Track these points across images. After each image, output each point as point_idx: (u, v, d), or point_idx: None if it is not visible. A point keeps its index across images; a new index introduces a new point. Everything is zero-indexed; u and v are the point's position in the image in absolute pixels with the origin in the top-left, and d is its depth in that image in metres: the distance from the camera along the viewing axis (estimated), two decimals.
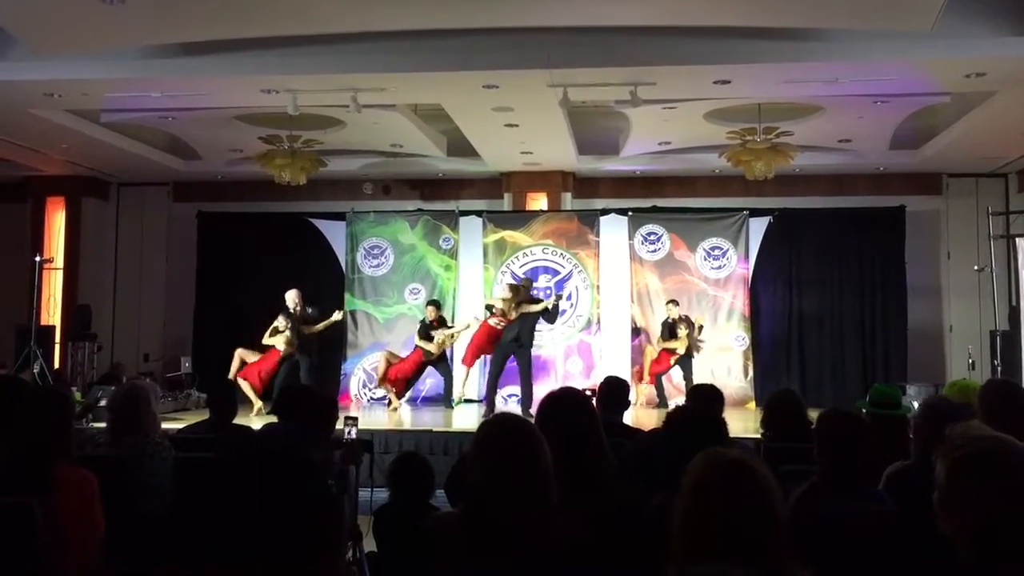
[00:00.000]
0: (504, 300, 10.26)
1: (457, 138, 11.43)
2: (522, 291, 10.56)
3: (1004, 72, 8.13)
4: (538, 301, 10.45)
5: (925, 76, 8.53)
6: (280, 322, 10.55)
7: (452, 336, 11.01)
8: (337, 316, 11.13)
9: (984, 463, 2.06)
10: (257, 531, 2.22)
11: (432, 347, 10.73)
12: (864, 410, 4.06)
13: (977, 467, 2.05)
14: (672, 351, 11.26)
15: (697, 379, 10.56)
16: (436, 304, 11.27)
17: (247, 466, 2.55)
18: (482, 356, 10.74)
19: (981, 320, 11.92)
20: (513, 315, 10.13)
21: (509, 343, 10.18)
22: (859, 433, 3.20)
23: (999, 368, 10.48)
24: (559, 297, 10.78)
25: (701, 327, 11.41)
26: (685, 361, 11.22)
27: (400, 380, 10.86)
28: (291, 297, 10.80)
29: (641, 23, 7.77)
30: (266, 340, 10.59)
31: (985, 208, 11.47)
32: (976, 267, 11.42)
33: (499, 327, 10.21)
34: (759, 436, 4.97)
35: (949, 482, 2.08)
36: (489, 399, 10.20)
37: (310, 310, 10.97)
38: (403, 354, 11.19)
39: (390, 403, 10.98)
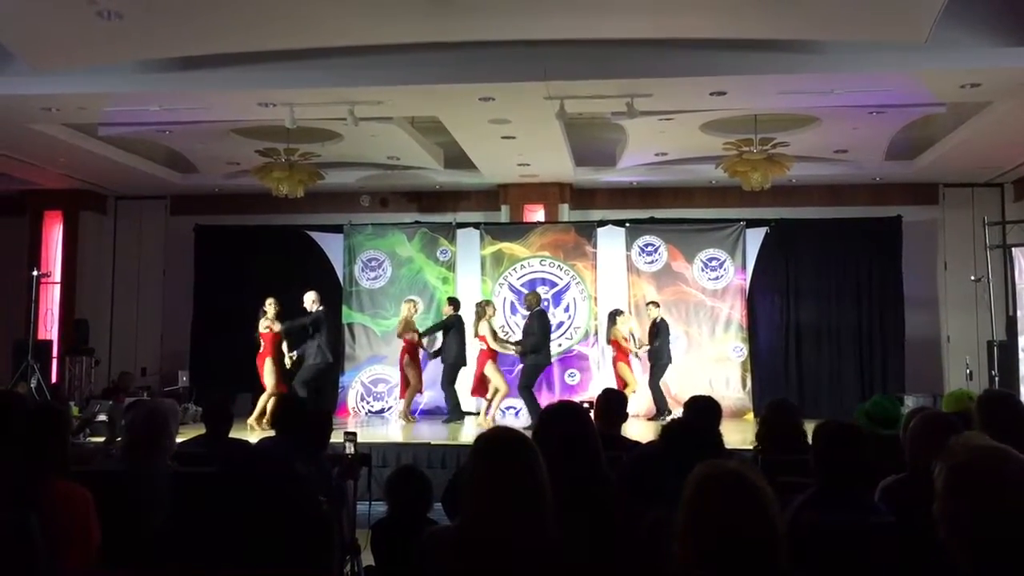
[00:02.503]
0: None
1: (454, 150, 11.45)
2: (485, 308, 10.58)
3: (999, 82, 8.16)
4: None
5: (920, 87, 8.55)
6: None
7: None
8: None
9: (982, 472, 2.06)
10: (249, 543, 2.22)
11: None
12: (861, 425, 4.05)
13: (975, 476, 2.05)
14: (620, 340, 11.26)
15: (695, 390, 10.50)
16: (456, 303, 11.09)
17: (239, 480, 2.55)
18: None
19: (978, 330, 11.94)
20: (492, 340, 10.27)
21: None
22: (856, 444, 3.20)
23: (996, 378, 10.48)
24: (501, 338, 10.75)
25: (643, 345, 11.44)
26: (656, 370, 11.20)
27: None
28: (310, 297, 10.63)
29: (637, 35, 7.80)
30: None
31: (981, 218, 11.49)
32: (973, 277, 11.44)
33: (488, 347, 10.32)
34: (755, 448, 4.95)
35: (947, 490, 2.08)
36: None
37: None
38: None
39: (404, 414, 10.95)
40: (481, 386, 10.49)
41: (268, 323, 10.26)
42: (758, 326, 12.38)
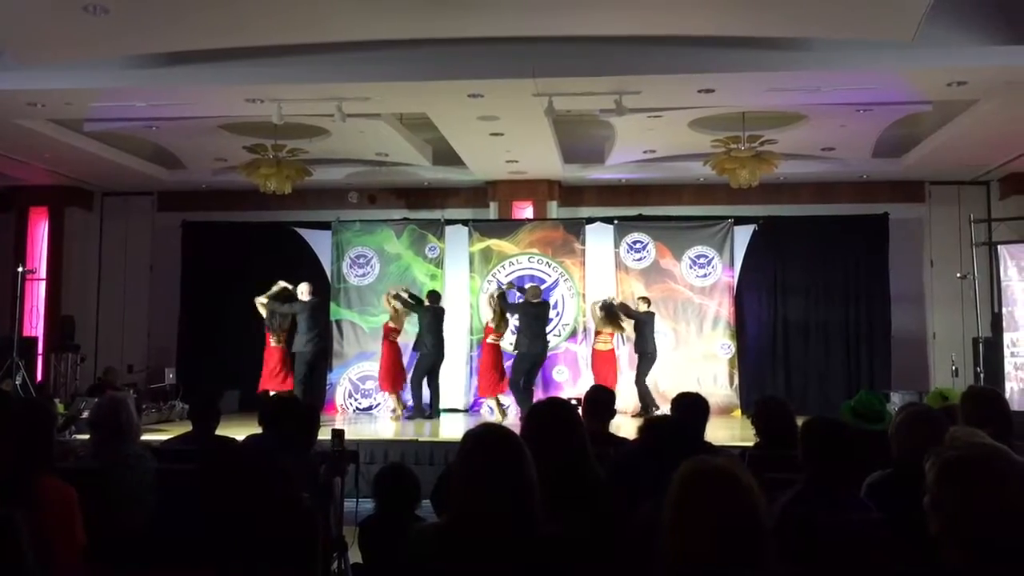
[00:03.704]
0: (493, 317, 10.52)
1: (443, 147, 11.43)
2: (496, 300, 10.78)
3: (985, 80, 8.20)
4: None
5: (907, 85, 8.59)
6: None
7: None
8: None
9: (972, 467, 2.08)
10: (234, 541, 2.21)
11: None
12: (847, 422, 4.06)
13: (965, 470, 2.07)
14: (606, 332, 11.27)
15: (682, 387, 10.49)
16: (433, 296, 11.26)
17: (224, 477, 2.54)
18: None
19: (964, 327, 12.00)
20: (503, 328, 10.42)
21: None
22: (844, 441, 3.22)
23: (982, 375, 10.53)
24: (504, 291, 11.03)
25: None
26: (641, 365, 11.20)
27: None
28: (303, 289, 10.76)
29: (626, 32, 7.80)
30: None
31: (967, 216, 11.55)
32: (959, 274, 11.49)
33: (497, 343, 10.43)
34: (745, 444, 4.97)
35: (938, 484, 2.10)
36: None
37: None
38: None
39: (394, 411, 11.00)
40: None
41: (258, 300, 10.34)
42: (746, 323, 12.41)
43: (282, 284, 10.85)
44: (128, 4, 6.89)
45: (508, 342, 11.07)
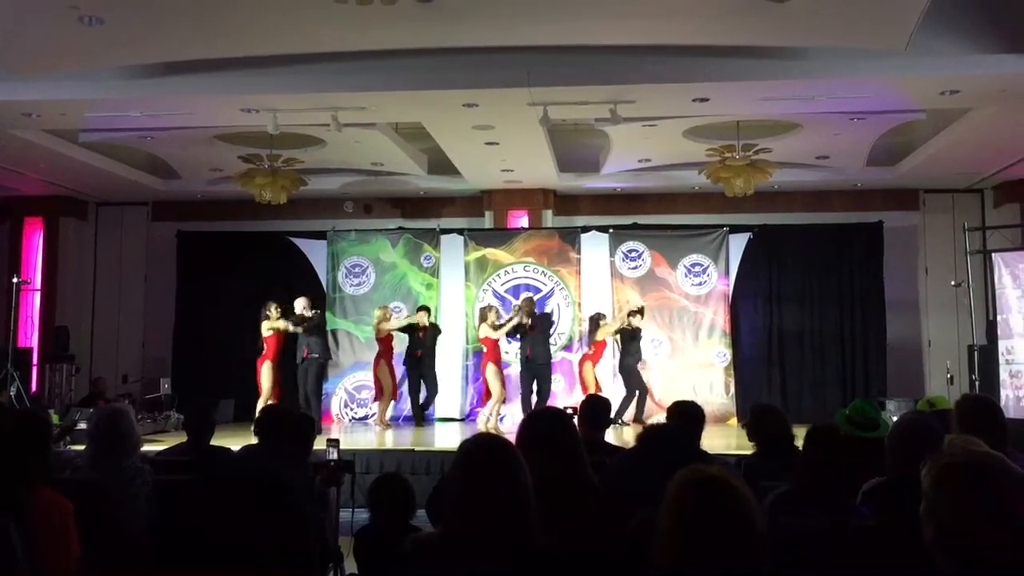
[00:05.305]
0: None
1: (438, 156, 11.45)
2: (487, 312, 10.78)
3: (978, 89, 8.23)
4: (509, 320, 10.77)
5: (900, 93, 8.63)
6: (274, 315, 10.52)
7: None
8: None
9: (968, 472, 2.08)
10: (231, 552, 2.21)
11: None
12: (842, 430, 4.06)
13: (960, 475, 2.08)
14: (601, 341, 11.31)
15: (678, 396, 10.50)
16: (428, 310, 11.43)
17: (221, 488, 2.54)
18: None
19: (959, 335, 12.02)
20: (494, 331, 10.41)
21: (526, 363, 10.61)
22: (838, 447, 3.22)
23: (977, 382, 10.54)
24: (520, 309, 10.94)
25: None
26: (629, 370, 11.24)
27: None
28: (300, 303, 10.71)
29: (620, 42, 7.83)
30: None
31: (962, 224, 11.58)
32: (953, 282, 11.51)
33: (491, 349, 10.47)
34: (741, 452, 4.97)
35: (933, 488, 2.10)
36: None
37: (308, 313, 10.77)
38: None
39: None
40: (488, 394, 10.62)
41: (272, 325, 10.30)
42: (741, 331, 12.43)
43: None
44: (123, 15, 6.89)
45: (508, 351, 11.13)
